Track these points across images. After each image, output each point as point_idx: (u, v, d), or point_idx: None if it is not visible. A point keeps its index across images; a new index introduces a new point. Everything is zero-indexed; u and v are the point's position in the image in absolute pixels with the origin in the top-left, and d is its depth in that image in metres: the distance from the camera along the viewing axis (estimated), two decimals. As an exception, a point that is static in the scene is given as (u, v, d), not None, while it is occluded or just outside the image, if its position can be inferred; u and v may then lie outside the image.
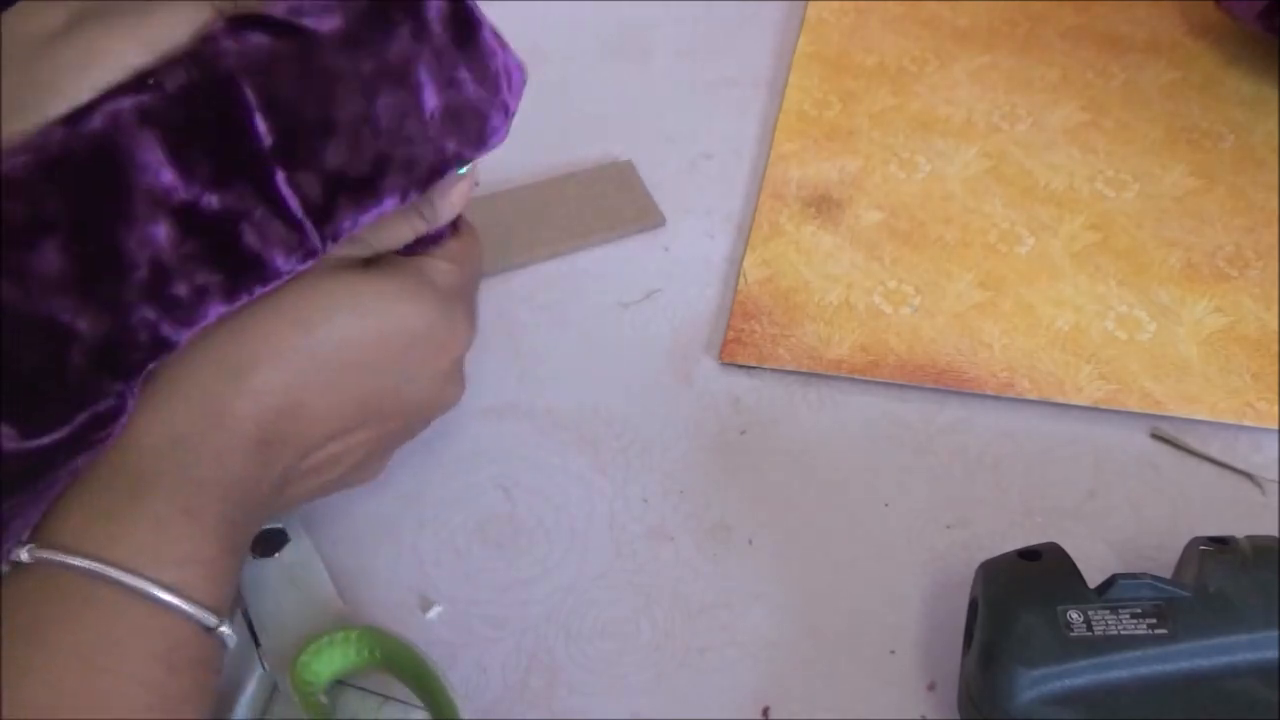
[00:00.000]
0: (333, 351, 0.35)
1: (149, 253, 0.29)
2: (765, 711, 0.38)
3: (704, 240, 0.54)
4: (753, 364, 0.48)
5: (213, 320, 0.32)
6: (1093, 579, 0.35)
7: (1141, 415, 0.45)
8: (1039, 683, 0.33)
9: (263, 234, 0.31)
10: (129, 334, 0.30)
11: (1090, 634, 0.33)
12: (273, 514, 0.37)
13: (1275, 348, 0.47)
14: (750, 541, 0.43)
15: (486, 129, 0.35)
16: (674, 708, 0.38)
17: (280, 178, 0.30)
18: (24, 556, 0.30)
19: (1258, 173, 0.54)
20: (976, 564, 0.37)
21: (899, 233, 0.53)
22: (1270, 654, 0.33)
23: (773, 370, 0.48)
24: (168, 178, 0.29)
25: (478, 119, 0.34)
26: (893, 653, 0.39)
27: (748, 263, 0.52)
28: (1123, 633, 0.33)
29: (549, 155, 0.58)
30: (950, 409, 0.46)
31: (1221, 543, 0.36)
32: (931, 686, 0.38)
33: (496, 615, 0.41)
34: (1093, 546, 0.41)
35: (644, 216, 0.55)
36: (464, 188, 0.38)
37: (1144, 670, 0.33)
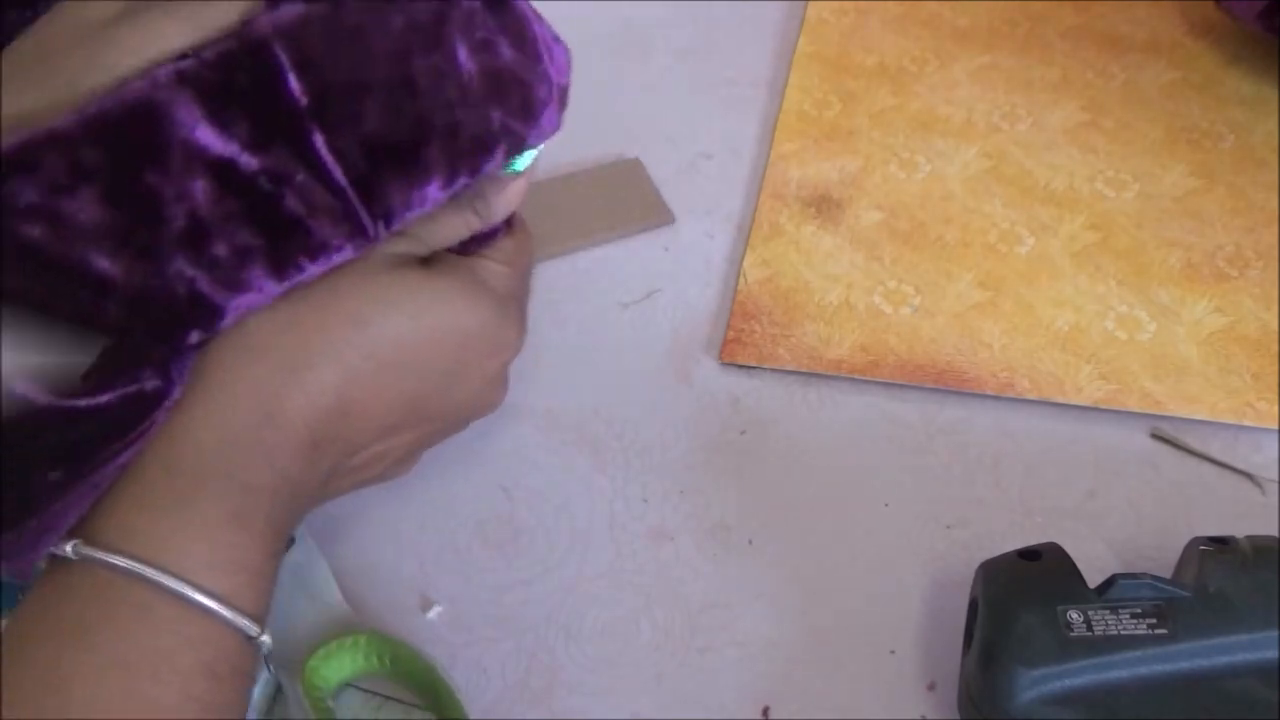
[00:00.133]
0: (388, 350, 0.34)
1: (187, 206, 0.30)
2: (765, 711, 0.38)
3: (704, 240, 0.54)
4: (753, 364, 0.48)
5: (261, 294, 0.32)
6: (1093, 579, 0.35)
7: (1141, 415, 0.45)
8: (1039, 683, 0.33)
9: (305, 199, 0.31)
10: (166, 286, 0.30)
11: (1090, 634, 0.33)
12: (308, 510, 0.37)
13: (1275, 348, 0.47)
14: (750, 541, 0.43)
15: (533, 99, 0.34)
16: (674, 708, 0.38)
17: (319, 140, 0.30)
18: (69, 552, 0.30)
19: (1258, 173, 0.54)
20: (976, 564, 0.37)
21: (899, 233, 0.53)
22: (1270, 654, 0.33)
23: (773, 370, 0.48)
24: (204, 134, 0.29)
25: (521, 87, 0.33)
26: (893, 653, 0.39)
27: (748, 262, 0.52)
28: (1123, 633, 0.33)
29: (549, 153, 0.57)
30: (950, 409, 0.46)
31: (1221, 543, 0.36)
32: (931, 686, 0.38)
33: (496, 615, 0.41)
34: (1093, 546, 0.41)
35: (653, 214, 0.55)
36: (520, 185, 0.38)
37: (1144, 670, 0.33)
